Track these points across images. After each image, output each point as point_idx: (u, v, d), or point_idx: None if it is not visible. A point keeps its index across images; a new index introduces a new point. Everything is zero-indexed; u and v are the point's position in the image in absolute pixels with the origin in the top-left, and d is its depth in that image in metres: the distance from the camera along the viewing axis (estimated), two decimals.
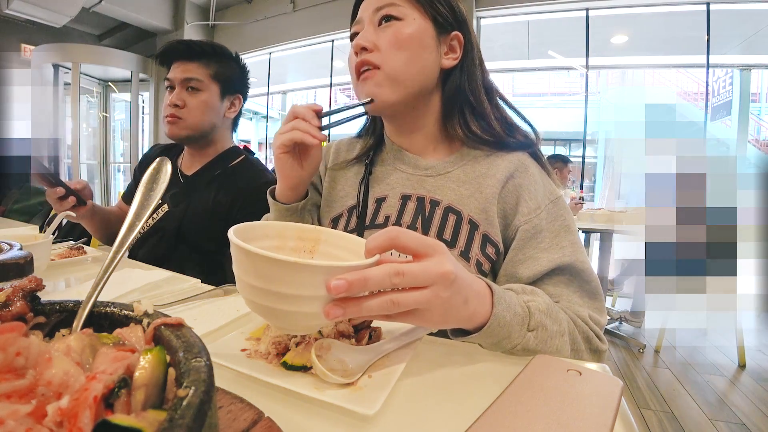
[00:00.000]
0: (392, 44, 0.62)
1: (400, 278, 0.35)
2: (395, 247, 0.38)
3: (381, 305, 0.36)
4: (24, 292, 0.26)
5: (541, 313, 0.49)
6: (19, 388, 0.20)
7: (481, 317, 0.44)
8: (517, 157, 0.67)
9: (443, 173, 0.68)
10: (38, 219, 2.13)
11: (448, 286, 0.38)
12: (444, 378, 0.42)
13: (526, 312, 0.48)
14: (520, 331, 0.47)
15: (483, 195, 0.65)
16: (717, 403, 1.87)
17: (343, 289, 0.33)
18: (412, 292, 0.37)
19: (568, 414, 0.33)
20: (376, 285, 0.35)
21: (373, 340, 0.46)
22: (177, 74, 1.12)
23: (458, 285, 0.39)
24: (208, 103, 1.13)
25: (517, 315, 0.47)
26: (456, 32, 0.67)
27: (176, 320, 0.25)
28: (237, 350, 0.44)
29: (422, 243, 0.39)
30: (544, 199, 0.64)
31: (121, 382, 0.19)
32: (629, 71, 7.10)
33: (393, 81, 0.63)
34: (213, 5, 5.50)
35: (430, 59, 0.64)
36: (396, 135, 0.73)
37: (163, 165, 0.39)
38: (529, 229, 0.62)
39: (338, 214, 0.73)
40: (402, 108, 0.66)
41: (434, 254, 0.38)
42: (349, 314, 0.35)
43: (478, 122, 0.67)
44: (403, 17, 0.63)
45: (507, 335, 0.46)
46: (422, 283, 0.37)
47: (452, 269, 0.38)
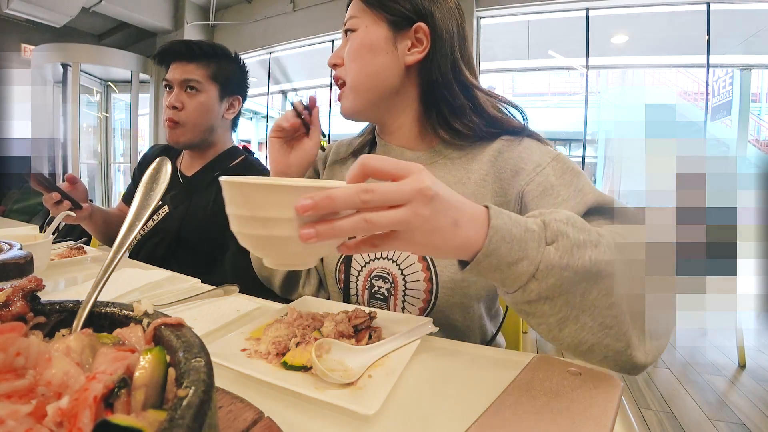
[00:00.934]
0: (348, 57, 0.66)
1: (369, 195, 0.34)
2: (369, 173, 0.37)
3: (354, 225, 0.35)
4: (24, 292, 0.26)
5: (559, 222, 0.41)
6: (19, 388, 0.20)
7: (477, 244, 0.39)
8: (503, 138, 0.65)
9: (429, 164, 0.69)
10: (38, 219, 2.13)
11: (427, 203, 0.35)
12: (444, 378, 0.42)
13: (542, 226, 0.41)
14: (537, 247, 0.39)
15: (471, 179, 0.65)
16: (717, 403, 1.87)
17: (309, 207, 0.33)
18: (388, 211, 0.35)
19: (568, 414, 0.33)
20: (343, 203, 0.34)
21: (373, 340, 0.46)
22: (175, 75, 1.11)
23: (441, 203, 0.37)
24: (206, 104, 1.13)
25: (530, 231, 0.40)
26: (419, 23, 0.64)
27: (176, 320, 0.25)
28: (237, 350, 0.44)
29: (396, 164, 0.37)
30: (545, 157, 0.61)
31: (120, 382, 0.19)
32: (629, 71, 7.09)
33: (353, 90, 0.66)
34: (213, 5, 5.50)
35: (385, 61, 0.65)
36: (382, 135, 0.75)
37: (163, 165, 0.39)
38: (536, 188, 0.58)
39: None
40: (371, 112, 0.69)
41: (409, 174, 0.36)
42: (322, 235, 0.34)
43: (457, 118, 0.65)
44: (357, 28, 0.66)
45: (521, 254, 0.39)
46: (397, 201, 0.35)
47: (430, 185, 0.35)
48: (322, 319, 0.48)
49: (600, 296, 0.40)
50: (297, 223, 0.34)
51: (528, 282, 0.39)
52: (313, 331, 0.45)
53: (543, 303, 0.40)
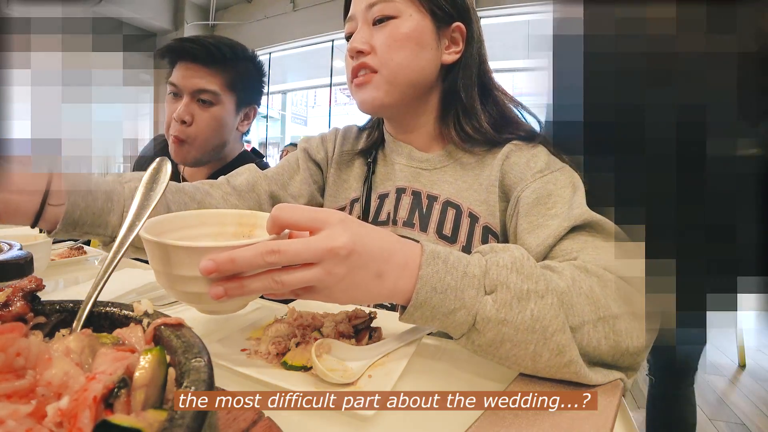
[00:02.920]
0: (389, 45, 0.59)
1: (274, 257, 0.32)
2: (282, 225, 0.36)
3: (263, 285, 0.34)
4: (24, 292, 0.26)
5: (501, 268, 0.37)
6: (19, 389, 0.20)
7: (407, 293, 0.37)
8: (515, 142, 0.63)
9: (439, 167, 0.67)
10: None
11: (341, 262, 0.34)
12: (444, 378, 0.42)
13: (484, 270, 0.37)
14: (476, 296, 0.36)
15: (482, 185, 0.62)
16: (717, 403, 1.87)
17: (212, 269, 0.32)
18: (298, 271, 0.34)
19: (568, 414, 0.33)
20: (247, 265, 0.33)
21: (373, 340, 0.46)
22: (185, 82, 0.93)
23: (359, 258, 0.34)
24: (220, 118, 0.96)
25: (469, 276, 0.37)
26: (457, 23, 0.63)
27: (176, 320, 0.25)
28: (237, 350, 0.44)
29: (310, 216, 0.35)
30: (552, 165, 0.58)
31: (120, 383, 0.19)
32: None
33: (390, 84, 0.61)
34: (213, 5, 5.50)
35: (430, 57, 0.62)
36: (396, 133, 0.72)
37: (163, 165, 0.39)
38: (530, 194, 0.55)
39: (341, 207, 0.74)
40: (399, 108, 0.65)
41: (324, 227, 0.35)
42: (231, 294, 0.34)
43: (469, 121, 0.64)
44: (398, 14, 0.60)
45: (457, 303, 0.36)
46: (307, 259, 0.33)
47: (343, 243, 0.33)
48: (322, 319, 0.48)
49: (552, 357, 0.36)
50: (206, 281, 0.34)
51: (470, 331, 0.37)
52: (313, 331, 0.45)
53: (495, 349, 0.37)
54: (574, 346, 0.36)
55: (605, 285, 0.40)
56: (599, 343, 0.38)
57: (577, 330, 0.37)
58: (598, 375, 0.38)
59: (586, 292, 0.39)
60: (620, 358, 0.39)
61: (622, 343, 0.38)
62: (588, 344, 0.37)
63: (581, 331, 0.37)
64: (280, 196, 0.71)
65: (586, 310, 0.38)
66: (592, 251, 0.46)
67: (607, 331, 0.38)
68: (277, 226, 0.36)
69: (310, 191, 0.74)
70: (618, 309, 0.39)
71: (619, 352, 0.38)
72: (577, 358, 0.36)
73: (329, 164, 0.76)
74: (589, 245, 0.47)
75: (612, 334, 0.38)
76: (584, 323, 0.37)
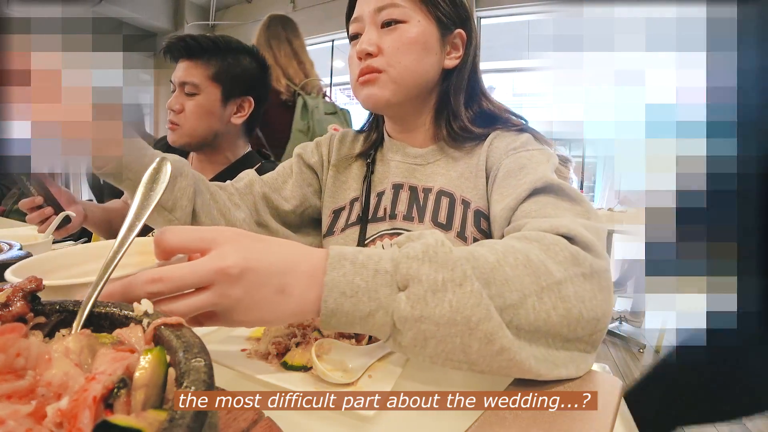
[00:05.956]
0: (398, 48, 0.62)
1: (158, 285, 0.30)
2: (165, 249, 0.33)
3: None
4: (24, 292, 0.26)
5: (412, 260, 0.33)
6: (19, 389, 0.20)
7: (319, 301, 0.33)
8: (499, 128, 0.66)
9: (432, 161, 0.70)
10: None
11: (235, 282, 0.31)
12: (444, 378, 0.42)
13: (395, 265, 0.33)
14: (390, 294, 0.33)
15: (472, 172, 0.65)
16: None
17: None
18: (188, 298, 0.31)
19: (568, 414, 0.33)
20: (126, 298, 0.30)
21: (373, 340, 0.46)
22: (177, 75, 1.04)
23: (255, 276, 0.32)
24: (204, 107, 1.04)
25: (381, 273, 0.33)
26: (459, 30, 0.66)
27: (176, 320, 0.25)
28: (237, 350, 0.44)
29: (195, 237, 0.32)
30: (529, 145, 0.61)
31: (120, 383, 0.19)
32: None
33: (397, 84, 0.63)
34: (213, 5, 5.50)
35: (434, 62, 0.65)
36: (395, 132, 0.74)
37: (164, 165, 0.39)
38: (503, 169, 0.58)
39: (341, 207, 0.75)
40: (402, 107, 0.67)
41: (213, 247, 0.32)
42: None
43: (456, 123, 0.67)
44: (407, 19, 0.62)
45: (373, 305, 0.33)
46: (196, 284, 0.31)
47: (233, 262, 0.31)
48: None
49: (483, 347, 0.33)
50: None
51: (393, 333, 0.34)
52: (313, 331, 0.45)
53: (421, 348, 0.34)
54: (505, 333, 0.33)
55: (547, 248, 0.37)
56: (548, 315, 0.34)
57: (520, 306, 0.34)
58: (541, 366, 0.35)
59: (523, 262, 0.35)
60: (576, 327, 0.35)
61: (573, 309, 0.35)
62: (537, 318, 0.34)
63: (525, 306, 0.34)
64: (272, 199, 0.74)
65: (526, 282, 0.34)
66: (552, 210, 0.45)
67: (554, 300, 0.35)
68: (162, 251, 0.33)
69: (303, 194, 0.76)
70: (563, 273, 0.35)
71: (573, 320, 0.35)
72: (510, 345, 0.33)
73: (325, 167, 0.78)
74: (550, 206, 0.46)
75: (560, 302, 0.35)
76: (526, 297, 0.34)
